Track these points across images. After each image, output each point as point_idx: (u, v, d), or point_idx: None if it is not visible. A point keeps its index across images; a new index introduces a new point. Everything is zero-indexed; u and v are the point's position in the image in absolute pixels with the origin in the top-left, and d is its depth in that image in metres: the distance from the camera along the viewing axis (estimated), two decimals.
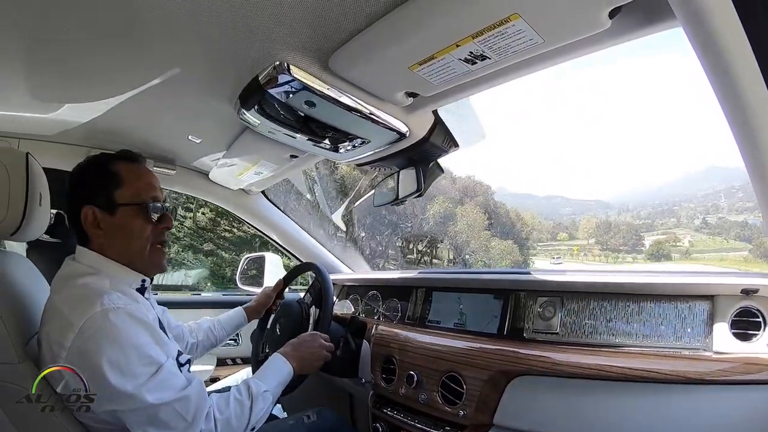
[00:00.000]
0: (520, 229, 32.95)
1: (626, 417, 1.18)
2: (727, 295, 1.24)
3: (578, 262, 37.03)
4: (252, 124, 1.47)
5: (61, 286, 1.14)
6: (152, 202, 1.25)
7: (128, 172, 1.26)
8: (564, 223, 47.12)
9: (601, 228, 40.47)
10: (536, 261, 34.89)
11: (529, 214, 39.59)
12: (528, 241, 34.87)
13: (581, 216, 47.21)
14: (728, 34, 0.68)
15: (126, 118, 1.74)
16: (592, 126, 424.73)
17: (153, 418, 1.05)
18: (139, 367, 1.04)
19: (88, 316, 1.02)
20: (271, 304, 2.03)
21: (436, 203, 25.30)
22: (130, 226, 1.23)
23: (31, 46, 1.20)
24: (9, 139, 1.89)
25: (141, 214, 1.24)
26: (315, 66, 1.18)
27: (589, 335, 1.42)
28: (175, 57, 1.23)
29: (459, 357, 1.55)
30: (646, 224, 41.64)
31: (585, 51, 1.00)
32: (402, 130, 1.44)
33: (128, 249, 1.24)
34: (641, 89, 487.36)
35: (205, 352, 1.87)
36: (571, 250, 40.22)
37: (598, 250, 38.40)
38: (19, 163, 1.21)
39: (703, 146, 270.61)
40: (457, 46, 0.95)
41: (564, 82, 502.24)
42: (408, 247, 22.90)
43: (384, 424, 1.75)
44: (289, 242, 2.73)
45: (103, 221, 1.20)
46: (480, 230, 26.52)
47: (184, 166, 2.31)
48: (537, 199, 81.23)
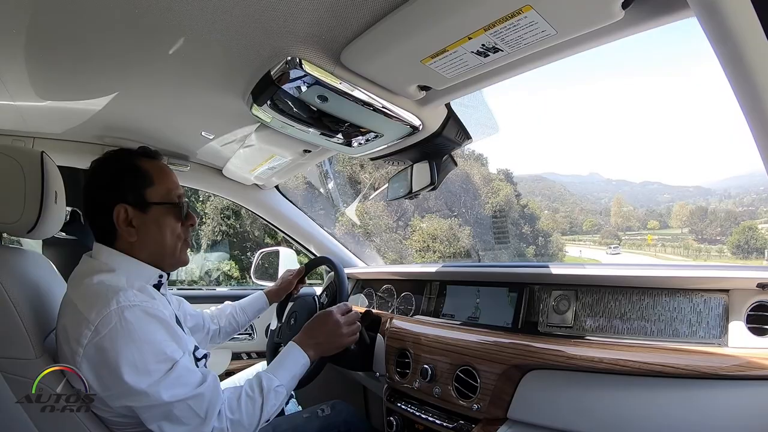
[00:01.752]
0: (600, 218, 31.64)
1: (640, 411, 1.17)
2: (743, 289, 1.23)
3: (641, 254, 34.32)
4: (265, 119, 1.48)
5: (77, 283, 1.15)
6: (180, 200, 1.28)
7: (157, 171, 1.27)
8: (658, 210, 44.55)
9: (695, 215, 37.69)
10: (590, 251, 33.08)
11: (616, 200, 38.14)
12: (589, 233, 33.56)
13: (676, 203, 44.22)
14: (742, 23, 0.67)
15: (139, 116, 1.76)
16: (693, 106, 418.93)
17: (167, 414, 1.07)
18: (154, 364, 1.05)
19: (104, 314, 1.04)
20: (292, 288, 2.03)
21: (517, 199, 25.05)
22: (163, 224, 1.25)
23: (44, 45, 1.21)
24: (24, 139, 1.91)
25: (173, 212, 1.26)
26: (327, 61, 1.17)
27: (604, 329, 1.41)
28: (188, 53, 1.23)
29: (473, 351, 1.55)
30: (749, 211, 38.23)
31: (598, 42, 0.98)
32: (415, 123, 1.44)
33: (161, 247, 1.26)
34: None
35: (227, 338, 1.89)
36: (659, 240, 37.20)
37: (693, 241, 34.89)
38: (34, 162, 1.23)
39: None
40: (470, 38, 0.94)
41: (664, 60, 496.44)
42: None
43: (398, 417, 1.76)
44: (303, 237, 2.74)
45: (135, 219, 1.22)
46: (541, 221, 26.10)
47: (198, 161, 2.33)
48: (632, 186, 79.37)
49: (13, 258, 1.28)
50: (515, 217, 24.12)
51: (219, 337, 1.84)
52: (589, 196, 51.01)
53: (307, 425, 1.58)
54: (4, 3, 1.02)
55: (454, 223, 18.99)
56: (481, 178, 22.86)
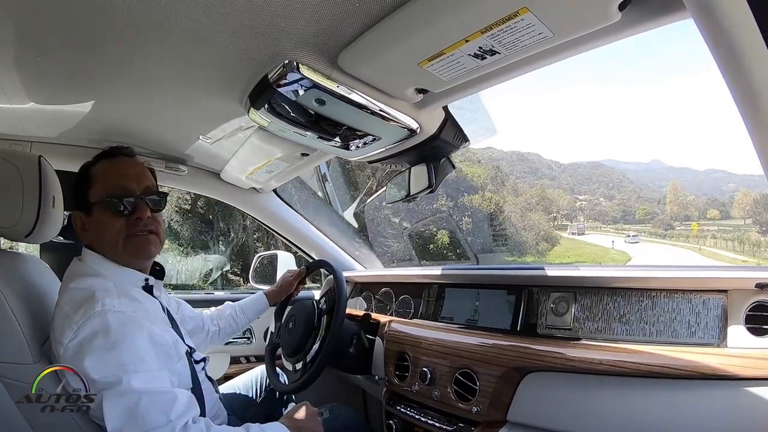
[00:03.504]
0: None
1: (640, 413, 1.17)
2: (741, 289, 1.23)
3: (682, 246, 32.38)
4: (262, 123, 1.48)
5: (66, 287, 1.17)
6: (121, 195, 1.25)
7: (100, 170, 1.28)
8: (721, 200, 43.01)
9: (759, 204, 36.02)
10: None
11: (672, 187, 37.19)
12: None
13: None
14: (739, 24, 0.67)
15: (136, 120, 1.76)
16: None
17: (132, 409, 1.01)
18: (128, 357, 1.04)
19: (88, 315, 1.04)
20: (293, 289, 2.04)
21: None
22: (103, 222, 1.24)
23: (41, 49, 1.22)
24: (21, 143, 1.91)
25: (110, 208, 1.24)
26: (324, 64, 1.17)
27: (603, 331, 1.41)
28: (185, 57, 1.23)
29: (472, 353, 1.55)
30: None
31: (595, 44, 0.99)
32: (412, 126, 1.44)
33: (105, 244, 1.25)
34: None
35: (227, 338, 1.91)
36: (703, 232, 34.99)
37: (756, 233, 32.53)
38: (32, 166, 1.22)
39: None
40: (467, 41, 0.94)
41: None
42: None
43: (397, 420, 1.76)
44: (302, 240, 2.73)
45: (86, 223, 1.25)
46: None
47: (195, 165, 2.32)
48: (696, 174, 78.16)
49: (11, 262, 1.28)
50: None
51: (219, 339, 1.85)
52: (650, 184, 50.28)
53: None
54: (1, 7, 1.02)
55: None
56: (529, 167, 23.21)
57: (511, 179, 75.96)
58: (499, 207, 21.05)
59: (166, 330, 1.22)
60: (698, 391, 1.11)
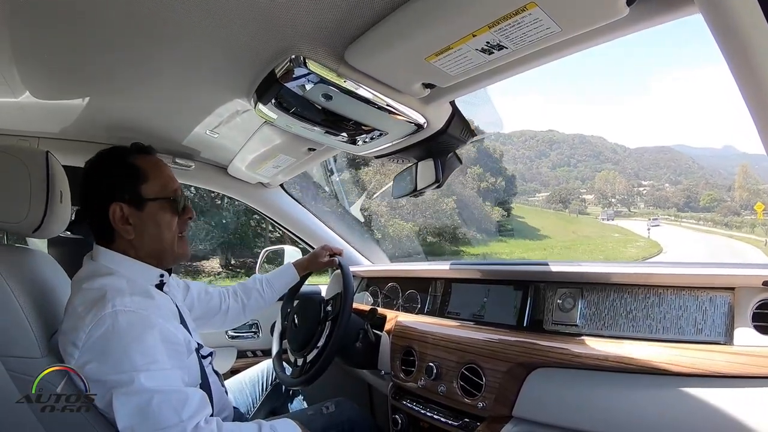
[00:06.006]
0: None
1: (645, 409, 1.17)
2: (749, 287, 1.22)
3: (724, 234, 31.26)
4: (269, 118, 1.48)
5: (79, 287, 1.16)
6: (177, 195, 1.28)
7: (150, 166, 1.28)
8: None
9: None
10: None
11: (741, 169, 36.27)
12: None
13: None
14: (747, 18, 0.66)
15: (144, 115, 1.77)
16: None
17: (144, 408, 1.02)
18: (140, 358, 1.05)
19: (99, 317, 1.05)
20: (325, 261, 2.04)
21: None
22: (159, 219, 1.25)
23: (48, 45, 1.22)
24: (29, 139, 1.92)
25: (169, 207, 1.27)
26: (331, 59, 1.17)
27: (609, 327, 1.41)
28: (192, 53, 1.24)
29: (478, 349, 1.55)
30: None
31: (602, 39, 0.98)
32: (420, 121, 1.43)
33: (159, 243, 1.26)
34: None
35: (253, 314, 1.91)
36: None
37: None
38: (39, 161, 1.23)
39: None
40: (474, 36, 0.94)
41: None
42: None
43: (403, 415, 1.76)
44: (309, 235, 2.74)
45: (132, 216, 1.22)
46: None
47: (203, 160, 2.33)
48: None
49: (19, 257, 1.29)
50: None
51: (244, 315, 1.87)
52: (721, 170, 49.18)
53: (312, 423, 1.57)
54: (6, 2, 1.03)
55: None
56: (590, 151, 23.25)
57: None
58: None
59: (178, 328, 1.22)
60: (704, 389, 1.10)
